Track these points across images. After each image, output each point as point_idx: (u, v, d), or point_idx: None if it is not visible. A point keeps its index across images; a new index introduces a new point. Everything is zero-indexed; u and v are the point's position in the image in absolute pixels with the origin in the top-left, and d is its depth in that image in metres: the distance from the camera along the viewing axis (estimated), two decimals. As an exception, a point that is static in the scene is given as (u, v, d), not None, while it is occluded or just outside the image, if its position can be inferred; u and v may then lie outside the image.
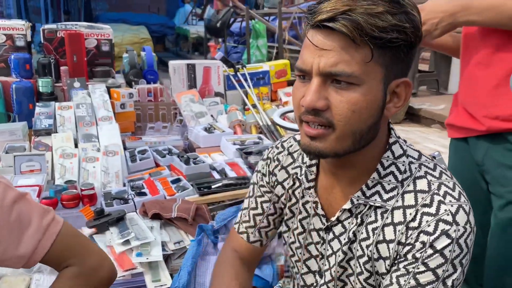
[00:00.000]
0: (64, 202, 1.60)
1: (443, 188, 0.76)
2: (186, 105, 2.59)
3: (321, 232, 0.86)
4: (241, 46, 7.45)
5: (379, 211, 0.79)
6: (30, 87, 2.46)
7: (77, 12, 11.02)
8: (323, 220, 0.85)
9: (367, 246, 0.80)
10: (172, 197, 1.69)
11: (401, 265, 0.76)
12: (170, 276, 1.32)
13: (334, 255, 0.84)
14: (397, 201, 0.77)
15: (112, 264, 0.92)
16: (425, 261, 0.73)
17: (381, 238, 0.78)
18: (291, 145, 0.94)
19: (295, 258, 0.93)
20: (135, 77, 2.77)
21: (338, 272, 0.84)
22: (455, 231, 0.72)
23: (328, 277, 0.86)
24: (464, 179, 1.24)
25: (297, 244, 0.91)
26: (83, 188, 1.66)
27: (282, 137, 0.99)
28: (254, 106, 2.68)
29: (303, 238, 0.90)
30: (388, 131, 0.81)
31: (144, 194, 1.71)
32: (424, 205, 0.75)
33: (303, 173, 0.88)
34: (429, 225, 0.73)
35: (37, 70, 2.65)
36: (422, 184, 0.77)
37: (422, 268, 0.73)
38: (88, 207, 1.52)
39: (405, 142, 0.83)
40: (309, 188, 0.87)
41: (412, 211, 0.75)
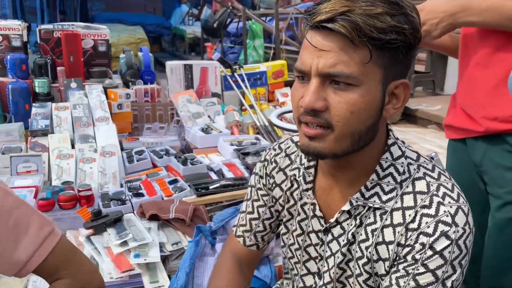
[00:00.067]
0: (61, 203, 1.59)
1: (442, 189, 0.76)
2: (183, 106, 2.58)
3: (320, 234, 0.86)
4: (238, 47, 7.45)
5: (378, 213, 0.79)
6: (27, 88, 2.45)
7: (73, 12, 11.00)
8: (322, 222, 0.85)
9: (366, 248, 0.80)
10: (170, 198, 1.68)
11: (401, 267, 0.76)
12: (168, 277, 1.32)
13: (333, 257, 0.84)
14: (396, 203, 0.77)
15: (102, 278, 0.94)
16: (425, 263, 0.73)
17: (381, 240, 0.78)
18: (289, 147, 0.94)
19: (295, 260, 0.93)
20: (132, 78, 2.76)
21: (337, 274, 0.84)
22: (455, 232, 0.73)
23: (327, 279, 0.86)
24: (462, 180, 1.24)
25: (296, 246, 0.91)
26: (80, 189, 1.65)
27: (280, 139, 0.99)
28: (251, 107, 2.68)
29: (302, 240, 0.90)
30: (387, 132, 0.81)
31: (142, 195, 1.71)
32: (423, 207, 0.75)
33: (301, 175, 0.88)
34: (429, 227, 0.73)
35: (34, 71, 2.63)
36: (421, 186, 0.77)
37: (422, 270, 0.74)
38: (85, 208, 1.51)
39: (404, 143, 0.83)
40: (307, 190, 0.87)
41: (412, 213, 0.75)
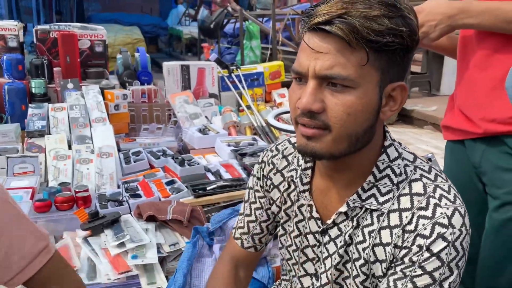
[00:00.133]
0: (58, 205, 1.59)
1: (439, 191, 0.76)
2: (180, 106, 2.58)
3: (317, 235, 0.86)
4: (235, 47, 7.45)
5: (375, 214, 0.79)
6: (23, 88, 2.44)
7: (69, 13, 10.96)
8: (319, 223, 0.86)
9: (364, 249, 0.80)
10: (167, 199, 1.68)
11: (398, 269, 0.76)
12: (166, 279, 1.32)
13: (330, 258, 0.84)
14: (393, 204, 0.77)
15: None
16: (422, 265, 0.74)
17: (378, 241, 0.78)
18: (286, 148, 0.94)
19: (292, 261, 0.93)
20: (129, 78, 2.75)
21: (334, 275, 0.84)
22: (451, 234, 0.73)
23: (324, 280, 0.86)
24: (460, 181, 1.25)
25: (294, 247, 0.91)
26: (77, 190, 1.65)
27: (277, 140, 0.99)
28: (249, 107, 2.68)
29: (299, 241, 0.90)
30: (384, 134, 0.82)
31: (139, 196, 1.70)
32: (420, 208, 0.75)
33: (298, 176, 0.88)
34: (426, 228, 0.74)
35: (30, 71, 2.63)
36: (418, 187, 0.77)
37: (419, 272, 0.74)
38: (83, 209, 1.51)
39: (400, 145, 0.83)
40: (304, 191, 0.87)
41: (408, 214, 0.76)
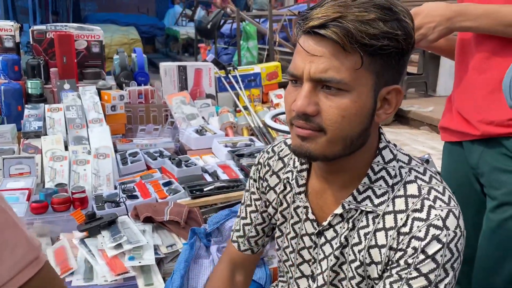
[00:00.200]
0: (55, 206, 1.58)
1: (433, 193, 0.77)
2: (177, 107, 2.57)
3: (313, 237, 0.87)
4: (232, 48, 7.45)
5: (371, 216, 0.79)
6: (19, 89, 2.42)
7: (66, 13, 10.92)
8: (314, 225, 0.86)
9: (359, 251, 0.80)
10: (164, 200, 1.68)
11: (394, 271, 0.76)
12: (163, 280, 1.32)
13: (326, 260, 0.85)
14: (388, 206, 0.78)
15: None
16: (417, 267, 0.74)
17: (373, 243, 0.78)
18: (282, 150, 0.95)
19: (289, 263, 0.93)
20: (126, 79, 2.74)
21: (330, 277, 0.85)
22: (446, 236, 0.73)
23: (321, 281, 0.86)
24: (458, 182, 1.25)
25: (290, 249, 0.92)
26: (74, 191, 1.64)
27: (273, 142, 1.00)
28: (246, 108, 2.68)
29: (296, 243, 0.90)
30: (379, 136, 0.82)
31: (136, 197, 1.70)
32: (415, 210, 0.75)
33: (294, 178, 0.88)
34: (420, 231, 0.74)
35: (26, 72, 2.61)
36: (412, 189, 0.78)
37: (415, 274, 0.74)
38: (79, 211, 1.50)
39: (395, 147, 0.83)
40: (300, 193, 0.87)
41: (403, 216, 0.76)
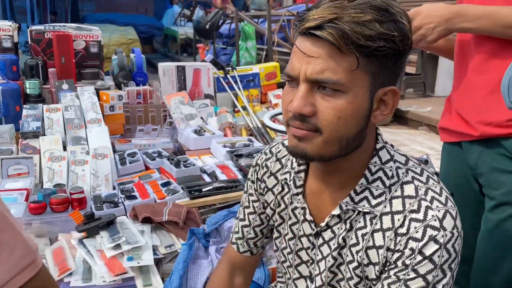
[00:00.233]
0: (53, 206, 1.58)
1: (430, 193, 0.77)
2: (176, 107, 2.57)
3: (311, 238, 0.87)
4: (230, 48, 7.45)
5: (368, 217, 0.79)
6: (17, 89, 2.42)
7: (64, 13, 10.90)
8: (312, 226, 0.86)
9: (357, 252, 0.80)
10: (163, 201, 1.68)
11: (392, 272, 0.76)
12: (162, 280, 1.32)
13: (324, 260, 0.85)
14: (385, 207, 0.78)
15: None
16: (415, 268, 0.74)
17: (371, 244, 0.79)
18: (279, 151, 0.95)
19: (287, 264, 0.93)
20: (124, 79, 2.74)
21: (328, 277, 0.85)
22: (443, 237, 0.73)
23: (319, 282, 0.86)
24: (457, 182, 1.26)
25: (288, 250, 0.92)
26: (72, 192, 1.64)
27: (272, 142, 1.00)
28: (244, 108, 2.68)
29: (294, 244, 0.90)
30: (376, 137, 0.82)
31: (134, 198, 1.70)
32: (412, 211, 0.76)
33: (292, 179, 0.88)
34: (417, 231, 0.74)
35: (24, 72, 2.61)
36: (410, 190, 0.78)
37: (413, 275, 0.74)
38: (78, 211, 1.50)
39: (393, 147, 0.83)
40: (297, 194, 0.88)
41: (400, 217, 0.76)
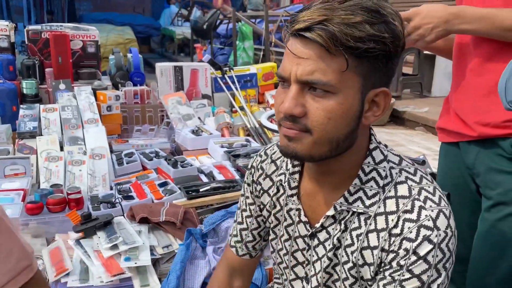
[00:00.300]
0: (50, 207, 1.58)
1: (424, 193, 0.77)
2: (173, 107, 2.57)
3: (306, 239, 0.87)
4: (228, 48, 7.45)
5: (362, 217, 0.79)
6: (14, 89, 2.42)
7: (61, 12, 10.86)
8: (307, 227, 0.86)
9: (352, 252, 0.80)
10: (160, 201, 1.68)
11: (387, 273, 0.76)
12: (159, 281, 1.32)
13: (320, 261, 0.85)
14: (379, 207, 0.78)
15: None
16: (410, 268, 0.74)
17: (366, 245, 0.79)
18: (274, 152, 0.95)
19: (284, 265, 0.93)
20: (122, 79, 2.74)
21: (324, 278, 0.85)
22: (437, 236, 0.73)
23: (315, 283, 0.87)
24: (454, 182, 1.26)
25: (284, 251, 0.92)
26: (70, 192, 1.64)
27: (270, 142, 1.00)
28: (242, 109, 2.68)
29: (289, 245, 0.90)
30: (369, 137, 0.82)
31: (132, 198, 1.70)
32: (406, 211, 0.76)
33: (286, 180, 0.89)
34: (411, 232, 0.74)
35: (21, 72, 2.61)
36: (403, 190, 0.78)
37: (408, 275, 0.74)
38: (75, 211, 1.50)
39: (386, 147, 0.84)
40: (292, 196, 0.88)
41: (394, 217, 0.76)
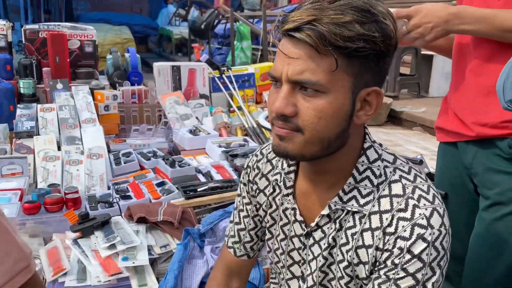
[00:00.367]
0: (48, 206, 1.58)
1: (418, 192, 0.77)
2: (171, 107, 2.57)
3: (302, 238, 0.87)
4: (225, 48, 7.45)
5: (357, 216, 0.80)
6: (11, 89, 2.41)
7: (58, 12, 10.83)
8: (303, 226, 0.86)
9: (347, 251, 0.81)
10: (158, 201, 1.68)
11: (382, 272, 0.77)
12: (157, 280, 1.31)
13: (315, 260, 0.85)
14: (374, 206, 0.78)
15: None
16: (404, 267, 0.74)
17: (360, 243, 0.79)
18: (270, 152, 0.95)
19: (280, 265, 0.94)
20: (119, 79, 2.73)
21: (320, 277, 0.85)
22: (431, 234, 0.74)
23: (310, 282, 0.87)
24: (452, 182, 1.27)
25: (281, 250, 0.92)
26: (67, 192, 1.64)
27: (262, 145, 1.00)
28: (240, 108, 2.68)
29: (285, 245, 0.91)
30: (364, 136, 0.82)
31: (129, 198, 1.70)
32: (400, 210, 0.76)
33: (282, 180, 0.89)
34: (405, 230, 0.74)
35: (18, 71, 2.60)
36: (397, 188, 0.78)
37: (402, 274, 0.75)
38: (72, 211, 1.50)
39: (381, 146, 0.84)
40: (288, 195, 0.88)
41: (388, 216, 0.76)
